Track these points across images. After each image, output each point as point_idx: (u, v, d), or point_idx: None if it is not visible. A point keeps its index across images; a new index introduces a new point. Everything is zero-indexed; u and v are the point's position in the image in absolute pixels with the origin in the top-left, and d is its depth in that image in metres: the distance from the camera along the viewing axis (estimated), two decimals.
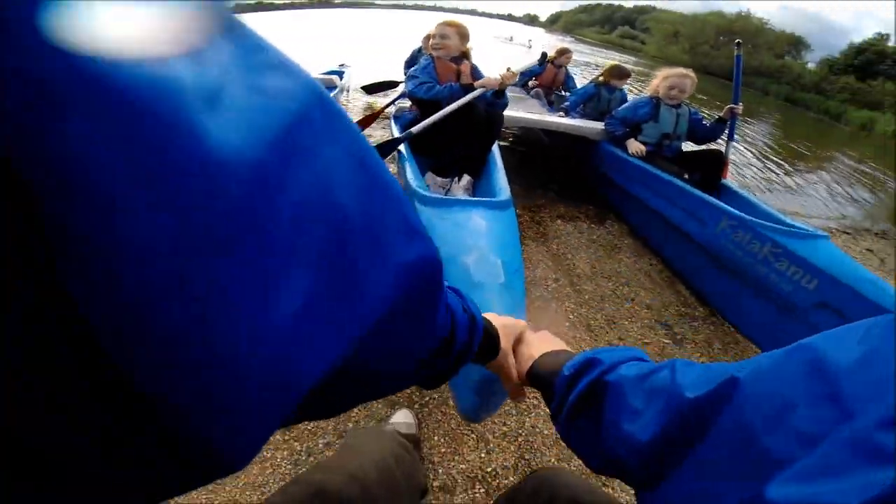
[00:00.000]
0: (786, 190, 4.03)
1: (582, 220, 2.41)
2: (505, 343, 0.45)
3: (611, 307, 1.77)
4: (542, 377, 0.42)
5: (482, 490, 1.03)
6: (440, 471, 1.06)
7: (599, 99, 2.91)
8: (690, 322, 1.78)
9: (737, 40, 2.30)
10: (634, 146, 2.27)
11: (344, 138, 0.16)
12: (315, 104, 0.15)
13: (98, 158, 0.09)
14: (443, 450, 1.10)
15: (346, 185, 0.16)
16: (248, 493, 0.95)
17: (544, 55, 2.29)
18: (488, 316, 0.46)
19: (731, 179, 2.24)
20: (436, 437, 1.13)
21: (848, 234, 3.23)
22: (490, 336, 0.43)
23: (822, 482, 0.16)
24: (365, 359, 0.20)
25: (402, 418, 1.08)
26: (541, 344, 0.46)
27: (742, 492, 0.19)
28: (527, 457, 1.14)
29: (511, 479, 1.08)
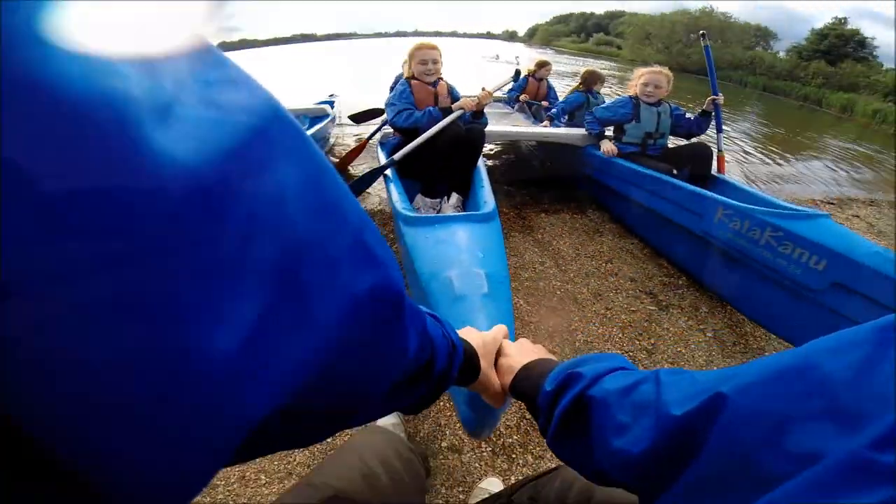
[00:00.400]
0: (789, 178, 4.05)
1: (565, 213, 2.50)
2: (485, 363, 0.45)
3: (595, 282, 1.86)
4: (524, 391, 0.42)
5: (488, 449, 1.10)
6: (447, 432, 1.13)
7: (588, 105, 2.96)
8: (675, 290, 1.86)
9: (701, 32, 2.35)
10: (606, 146, 2.30)
11: (300, 156, 0.16)
12: (272, 120, 0.15)
13: (36, 165, 0.09)
14: (448, 413, 1.18)
15: (300, 203, 0.16)
16: (275, 462, 1.03)
17: (517, 72, 2.36)
18: (467, 333, 0.47)
19: (729, 173, 2.24)
20: (441, 402, 1.20)
21: (832, 203, 3.32)
22: (470, 359, 0.43)
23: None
24: (320, 390, 0.20)
25: (388, 420, 1.07)
26: (520, 355, 0.47)
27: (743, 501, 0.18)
28: (528, 416, 1.17)
29: (514, 437, 1.14)
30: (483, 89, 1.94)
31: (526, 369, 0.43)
